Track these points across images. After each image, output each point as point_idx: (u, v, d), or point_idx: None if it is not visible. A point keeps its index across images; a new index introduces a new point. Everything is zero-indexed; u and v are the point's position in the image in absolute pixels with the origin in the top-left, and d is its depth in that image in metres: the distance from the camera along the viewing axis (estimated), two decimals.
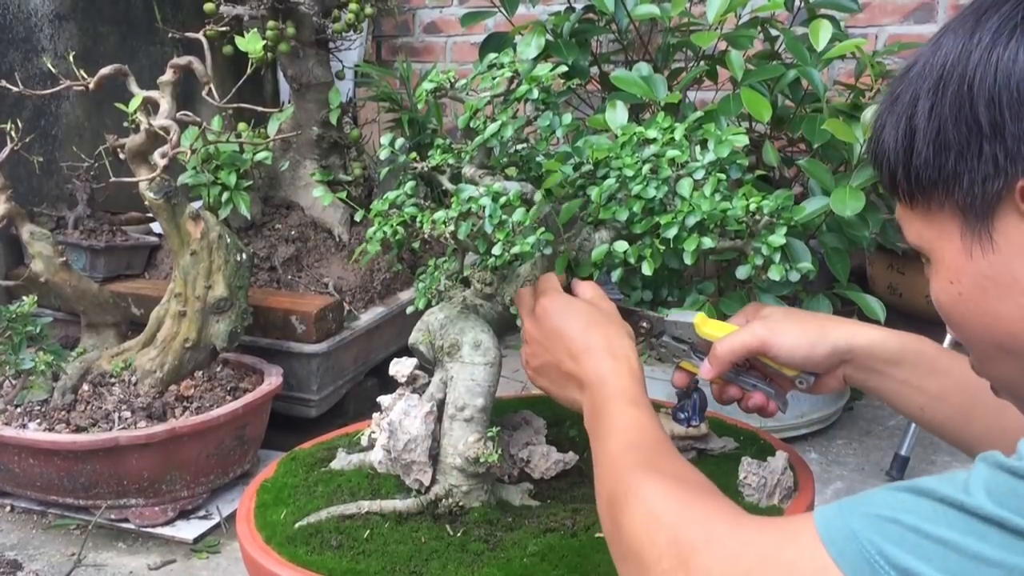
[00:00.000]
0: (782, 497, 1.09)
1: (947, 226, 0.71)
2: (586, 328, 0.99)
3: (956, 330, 0.76)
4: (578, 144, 1.18)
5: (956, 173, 0.69)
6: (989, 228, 0.68)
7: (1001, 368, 0.74)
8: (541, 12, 2.95)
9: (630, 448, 0.84)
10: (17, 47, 2.58)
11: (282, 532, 1.05)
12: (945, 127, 0.68)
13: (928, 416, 1.00)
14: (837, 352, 0.99)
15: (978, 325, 0.72)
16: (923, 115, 0.70)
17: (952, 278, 0.72)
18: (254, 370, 2.23)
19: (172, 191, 1.99)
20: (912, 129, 0.71)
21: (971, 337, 0.75)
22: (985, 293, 0.70)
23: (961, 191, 0.69)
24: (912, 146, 0.71)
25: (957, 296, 0.72)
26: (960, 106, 0.67)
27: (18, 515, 2.11)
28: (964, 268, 0.71)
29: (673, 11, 2.12)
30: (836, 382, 1.02)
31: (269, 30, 2.41)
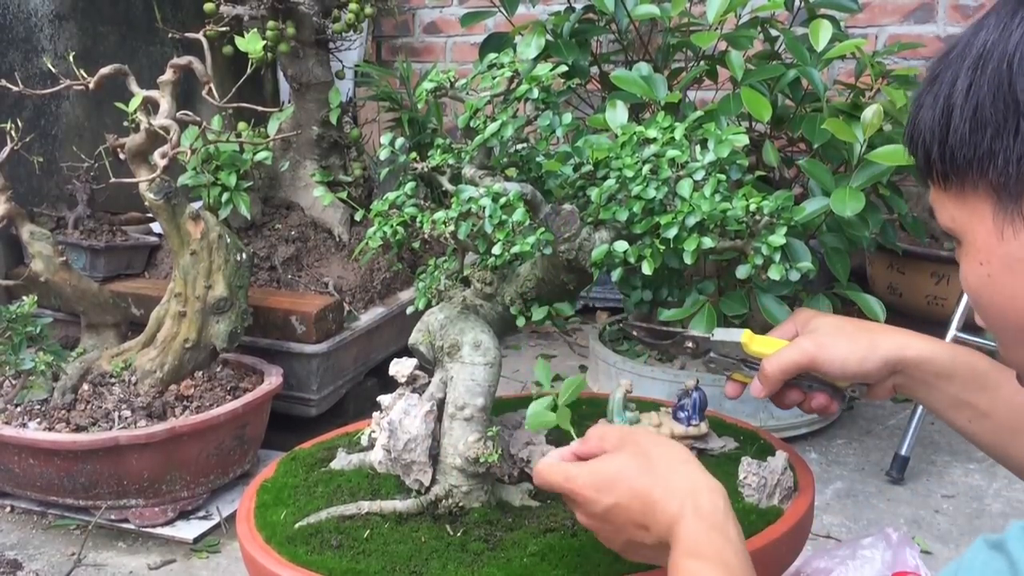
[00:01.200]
0: (782, 497, 1.09)
1: (980, 207, 0.71)
2: (632, 487, 0.86)
3: (983, 314, 0.75)
4: (578, 144, 1.18)
5: (992, 152, 0.68)
6: (1022, 209, 0.68)
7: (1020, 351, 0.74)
8: (541, 12, 2.95)
9: None
10: (17, 47, 2.58)
11: (282, 532, 1.05)
12: (983, 105, 0.68)
13: (975, 429, 0.99)
14: (888, 364, 0.99)
15: (1006, 308, 0.72)
16: (961, 93, 0.69)
17: (982, 259, 0.72)
18: (254, 370, 2.23)
19: (172, 191, 1.99)
20: (949, 108, 0.70)
21: (998, 321, 0.74)
22: (1014, 275, 0.70)
23: (995, 170, 0.68)
24: (949, 124, 0.71)
25: (986, 278, 0.72)
26: (999, 84, 0.67)
27: (18, 515, 2.11)
28: (994, 249, 0.70)
29: (673, 11, 2.12)
30: (886, 391, 1.02)
31: (269, 30, 2.41)
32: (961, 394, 0.98)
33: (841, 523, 2.07)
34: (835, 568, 1.13)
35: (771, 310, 1.96)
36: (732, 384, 1.09)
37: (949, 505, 2.14)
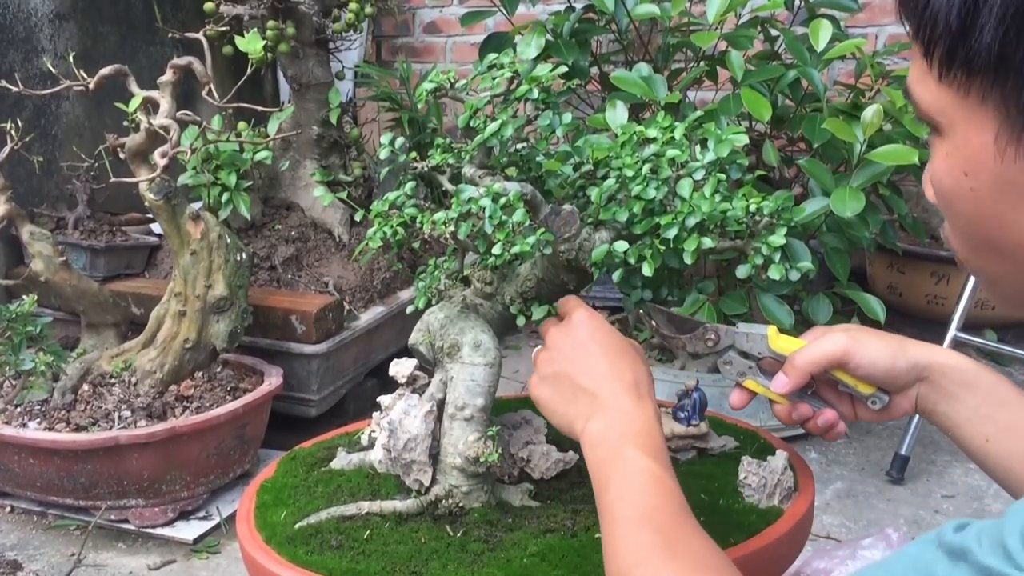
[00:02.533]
0: (782, 497, 1.09)
1: (982, 115, 0.62)
2: (616, 354, 0.93)
3: (950, 216, 0.70)
4: (578, 144, 1.18)
5: (1013, 70, 0.59)
6: None
7: (991, 265, 0.69)
8: (541, 12, 2.95)
9: (646, 522, 0.79)
10: (17, 47, 2.58)
11: (282, 532, 1.05)
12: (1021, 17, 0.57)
13: (993, 448, 0.94)
14: (917, 367, 0.95)
15: (982, 224, 0.67)
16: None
17: (967, 169, 0.65)
18: (254, 370, 2.23)
19: (172, 191, 1.99)
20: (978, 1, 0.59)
21: (967, 230, 0.69)
22: (1004, 198, 0.63)
23: (1010, 90, 0.60)
24: (975, 20, 0.59)
25: (968, 191, 0.65)
26: None
27: (18, 515, 2.11)
28: (987, 166, 0.63)
29: (673, 11, 2.12)
30: (908, 403, 0.97)
31: (269, 30, 2.41)
32: (983, 407, 0.94)
33: (841, 523, 2.07)
34: (835, 568, 1.13)
35: (771, 310, 1.96)
36: (739, 392, 1.04)
37: (949, 505, 2.14)
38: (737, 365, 1.04)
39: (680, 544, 0.77)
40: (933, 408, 0.97)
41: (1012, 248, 0.66)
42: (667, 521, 0.79)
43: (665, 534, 0.78)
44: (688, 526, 0.80)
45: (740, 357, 1.03)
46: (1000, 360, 2.88)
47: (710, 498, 1.08)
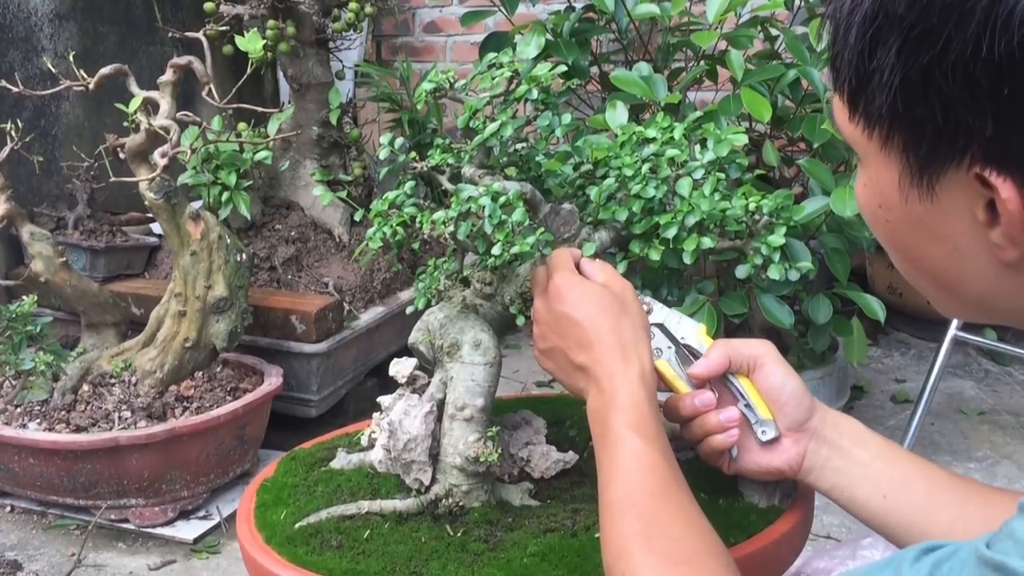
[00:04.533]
0: (782, 497, 1.09)
1: (886, 161, 0.63)
2: (598, 317, 0.92)
3: (877, 237, 0.70)
4: (578, 144, 1.18)
5: (906, 130, 0.60)
6: (932, 184, 0.60)
7: (919, 283, 0.70)
8: (541, 11, 2.95)
9: (628, 509, 0.81)
10: (17, 47, 2.58)
11: (282, 532, 1.05)
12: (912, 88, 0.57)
13: (892, 504, 0.90)
14: (814, 413, 0.94)
15: (901, 251, 0.68)
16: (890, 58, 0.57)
17: (882, 204, 0.65)
18: (254, 370, 2.23)
19: (172, 191, 1.99)
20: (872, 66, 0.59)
21: (891, 252, 0.70)
22: (914, 233, 0.64)
23: (907, 147, 0.60)
24: (868, 82, 0.60)
25: (884, 221, 0.66)
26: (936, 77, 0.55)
27: (18, 515, 2.11)
28: (897, 204, 0.64)
29: (673, 11, 2.12)
30: (796, 451, 0.95)
31: (269, 30, 2.41)
32: (877, 462, 0.91)
33: (841, 523, 2.07)
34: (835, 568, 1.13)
35: (771, 310, 1.96)
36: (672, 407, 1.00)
37: None
38: (657, 341, 1.01)
39: (659, 535, 0.78)
40: (824, 464, 0.93)
41: (931, 275, 0.67)
42: (649, 505, 0.81)
43: (646, 521, 0.79)
44: (671, 509, 0.80)
45: (662, 335, 1.02)
46: (1000, 360, 2.88)
47: (710, 498, 1.08)
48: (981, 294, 0.64)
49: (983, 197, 0.58)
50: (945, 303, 0.69)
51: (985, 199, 0.58)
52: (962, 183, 0.59)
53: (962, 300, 0.66)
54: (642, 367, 0.90)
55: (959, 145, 0.57)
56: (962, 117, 0.56)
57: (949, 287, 0.66)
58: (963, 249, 0.62)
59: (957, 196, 0.60)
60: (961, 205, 0.60)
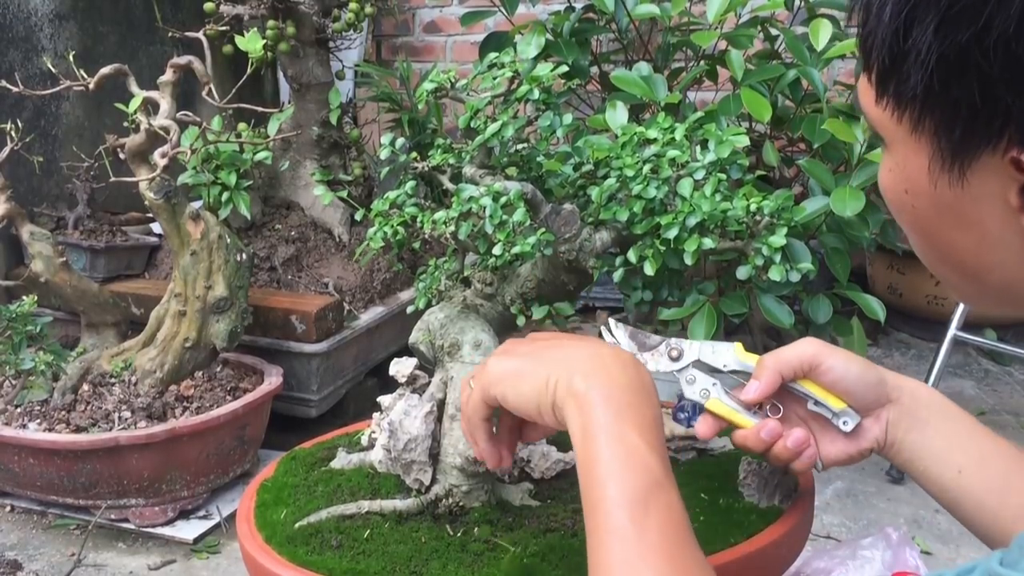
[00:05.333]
0: (782, 497, 1.09)
1: (916, 145, 0.61)
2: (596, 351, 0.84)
3: (897, 219, 0.69)
4: (578, 144, 1.18)
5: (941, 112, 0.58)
6: (964, 168, 0.59)
7: (942, 271, 0.68)
8: (541, 11, 2.95)
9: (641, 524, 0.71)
10: (17, 47, 2.58)
11: (282, 532, 1.05)
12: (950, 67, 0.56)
13: (966, 481, 0.87)
14: (887, 385, 0.90)
15: (926, 237, 0.67)
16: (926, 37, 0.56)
17: (909, 188, 0.64)
18: (254, 370, 2.23)
19: (172, 191, 1.99)
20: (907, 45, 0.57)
21: (914, 239, 0.69)
22: (942, 219, 0.63)
23: (940, 130, 0.59)
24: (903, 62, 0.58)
25: (910, 207, 0.65)
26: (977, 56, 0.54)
27: (18, 515, 2.11)
28: (924, 188, 0.62)
29: (673, 11, 2.12)
30: (879, 428, 0.91)
31: (269, 30, 2.41)
32: (955, 436, 0.88)
33: (841, 523, 2.07)
34: (835, 568, 1.13)
35: (772, 311, 1.96)
36: (706, 419, 0.94)
37: None
38: (701, 382, 0.95)
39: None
40: (903, 436, 0.90)
41: (956, 262, 0.65)
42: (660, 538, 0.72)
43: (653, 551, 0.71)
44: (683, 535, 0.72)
45: (703, 373, 0.96)
46: (1000, 359, 2.88)
47: (710, 498, 1.08)
48: (1008, 281, 0.63)
49: (1017, 181, 0.57)
50: (968, 292, 0.68)
51: (1018, 184, 0.57)
52: (995, 168, 0.57)
53: (987, 288, 0.65)
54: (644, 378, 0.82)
55: (995, 127, 0.56)
56: (1001, 97, 0.54)
57: (976, 275, 0.64)
58: (992, 236, 0.61)
59: (989, 181, 0.58)
60: (993, 191, 0.59)
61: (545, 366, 0.80)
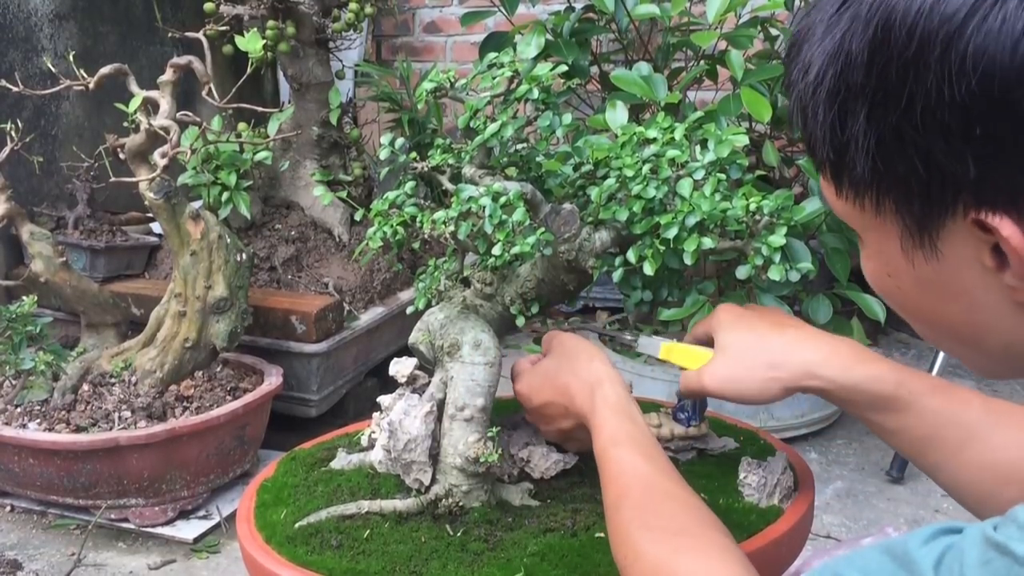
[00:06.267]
0: (782, 497, 1.09)
1: (884, 227, 0.62)
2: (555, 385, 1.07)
3: (891, 305, 0.70)
4: (578, 144, 1.18)
5: (894, 191, 0.59)
6: (934, 240, 0.60)
7: (944, 344, 0.69)
8: (541, 12, 2.95)
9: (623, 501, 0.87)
10: (17, 47, 2.58)
11: (282, 532, 1.05)
12: (887, 147, 0.58)
13: (884, 439, 0.96)
14: (787, 391, 0.97)
15: (918, 314, 0.68)
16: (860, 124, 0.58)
17: (891, 272, 0.65)
18: (254, 370, 2.23)
19: (172, 191, 1.99)
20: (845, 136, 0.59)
21: (909, 318, 0.70)
22: (929, 294, 0.64)
23: (900, 208, 0.60)
24: (846, 152, 0.60)
25: (896, 289, 0.66)
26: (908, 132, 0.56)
27: (18, 515, 2.11)
28: (905, 270, 0.63)
29: (673, 11, 2.12)
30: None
31: (269, 30, 2.41)
32: (866, 414, 0.94)
33: (841, 523, 2.07)
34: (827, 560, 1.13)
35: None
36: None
37: (949, 505, 2.14)
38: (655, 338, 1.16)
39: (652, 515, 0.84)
40: None
41: (954, 334, 0.66)
42: (639, 495, 0.87)
43: (639, 508, 0.85)
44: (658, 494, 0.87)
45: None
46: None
47: (710, 498, 1.08)
48: (1007, 343, 0.63)
49: (986, 242, 0.58)
50: (975, 361, 0.68)
51: (989, 244, 0.58)
52: (963, 233, 0.58)
53: (990, 355, 0.66)
54: (603, 394, 0.99)
55: (948, 194, 0.57)
56: (943, 165, 0.56)
57: (974, 343, 0.65)
58: (979, 301, 0.61)
59: (961, 247, 0.59)
60: (967, 256, 0.59)
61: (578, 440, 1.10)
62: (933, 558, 0.56)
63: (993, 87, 0.52)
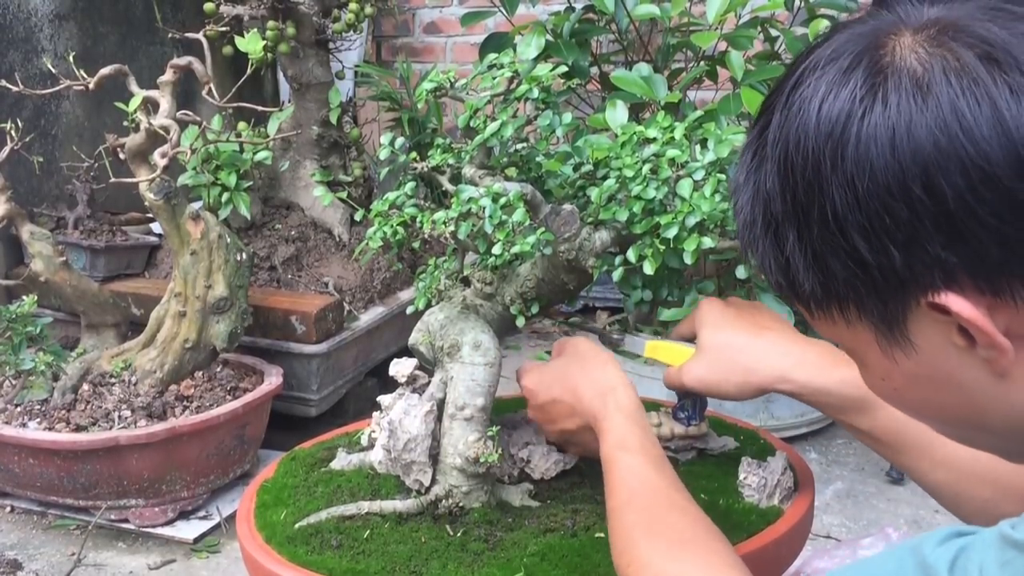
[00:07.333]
0: (782, 497, 1.09)
1: (860, 334, 0.65)
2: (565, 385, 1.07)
3: (906, 413, 0.72)
4: (578, 144, 1.18)
5: (849, 296, 0.63)
6: (905, 333, 0.62)
7: (964, 437, 0.70)
8: (541, 12, 2.95)
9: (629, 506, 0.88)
10: (17, 47, 2.58)
11: (282, 532, 1.05)
12: (822, 257, 0.62)
13: (860, 441, 1.01)
14: (762, 391, 1.02)
15: (926, 412, 0.69)
16: (793, 246, 0.63)
17: (883, 376, 0.67)
18: (254, 370, 2.23)
19: (172, 191, 1.99)
20: (786, 260, 0.64)
21: (923, 420, 0.71)
22: (922, 388, 0.65)
23: (862, 310, 0.63)
24: (792, 276, 0.64)
25: (894, 391, 0.68)
26: (832, 239, 0.60)
27: (18, 515, 2.11)
28: (892, 369, 0.65)
29: (673, 11, 2.12)
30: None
31: (269, 30, 2.41)
32: (838, 416, 0.98)
33: (841, 523, 2.07)
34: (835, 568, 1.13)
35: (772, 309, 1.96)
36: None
37: None
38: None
39: (657, 522, 0.85)
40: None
41: (959, 421, 0.67)
42: (644, 501, 0.88)
43: (643, 514, 0.86)
44: (663, 502, 0.87)
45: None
46: None
47: (710, 498, 1.08)
48: (1005, 417, 0.64)
49: (950, 324, 0.60)
50: (993, 445, 0.69)
51: (954, 325, 0.60)
52: (926, 320, 0.61)
53: (998, 435, 0.66)
54: (616, 399, 1.00)
55: (893, 286, 0.60)
56: (873, 260, 0.60)
57: (980, 426, 0.66)
58: (966, 382, 0.63)
59: (932, 335, 0.62)
60: (939, 342, 0.62)
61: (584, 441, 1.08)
62: (948, 559, 0.56)
63: (886, 181, 0.58)
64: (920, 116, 0.57)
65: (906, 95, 0.58)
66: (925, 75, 0.58)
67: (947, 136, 0.56)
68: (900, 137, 0.57)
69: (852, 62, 0.60)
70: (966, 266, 0.58)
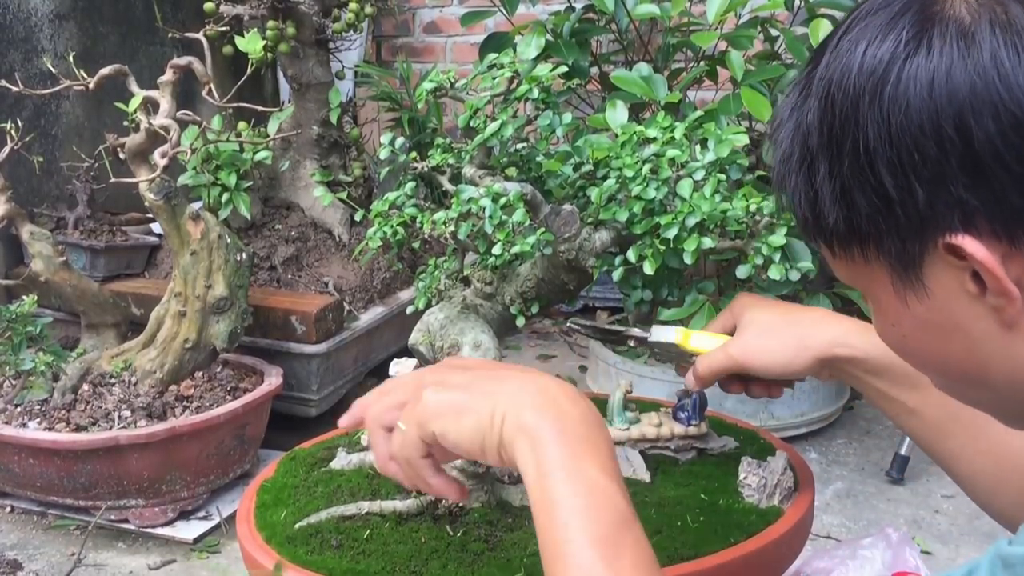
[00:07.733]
0: (782, 497, 1.09)
1: (876, 274, 0.67)
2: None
3: (906, 360, 0.73)
4: (578, 144, 1.18)
5: (870, 233, 0.65)
6: (920, 276, 0.64)
7: (963, 394, 0.71)
8: (541, 12, 2.95)
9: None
10: (17, 47, 2.58)
11: (282, 532, 1.05)
12: (849, 192, 0.64)
13: (903, 424, 0.99)
14: (818, 361, 0.99)
15: (929, 362, 0.70)
16: (824, 178, 0.65)
17: (893, 321, 0.69)
18: (254, 370, 2.23)
19: (172, 191, 1.99)
20: (815, 192, 0.66)
21: (921, 367, 0.72)
22: (930, 335, 0.67)
23: (881, 249, 0.65)
24: (819, 209, 0.66)
25: (902, 338, 0.70)
26: (861, 173, 0.63)
27: (18, 515, 2.11)
28: (903, 313, 0.67)
29: (673, 11, 2.12)
30: (824, 377, 1.03)
31: (269, 30, 2.41)
32: (890, 390, 0.97)
33: (841, 523, 2.07)
34: (835, 568, 1.13)
35: None
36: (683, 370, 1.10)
37: (949, 505, 2.14)
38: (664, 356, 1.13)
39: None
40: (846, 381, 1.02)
41: (962, 375, 0.68)
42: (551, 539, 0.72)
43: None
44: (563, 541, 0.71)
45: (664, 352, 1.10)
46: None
47: (710, 498, 1.08)
48: (1008, 374, 0.65)
49: (965, 269, 0.62)
50: (990, 403, 0.70)
51: (968, 271, 0.61)
52: (942, 264, 0.62)
53: (999, 392, 0.67)
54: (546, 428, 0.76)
55: (914, 224, 0.62)
56: (897, 196, 0.61)
57: (981, 381, 0.67)
58: (974, 332, 0.64)
59: (945, 280, 0.63)
60: (953, 288, 0.63)
61: (488, 400, 0.73)
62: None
63: (920, 120, 0.60)
64: (961, 62, 0.59)
65: (951, 42, 0.60)
66: (972, 25, 0.60)
67: (984, 81, 0.58)
68: (939, 80, 0.59)
69: (902, 8, 0.63)
70: (985, 210, 0.59)
